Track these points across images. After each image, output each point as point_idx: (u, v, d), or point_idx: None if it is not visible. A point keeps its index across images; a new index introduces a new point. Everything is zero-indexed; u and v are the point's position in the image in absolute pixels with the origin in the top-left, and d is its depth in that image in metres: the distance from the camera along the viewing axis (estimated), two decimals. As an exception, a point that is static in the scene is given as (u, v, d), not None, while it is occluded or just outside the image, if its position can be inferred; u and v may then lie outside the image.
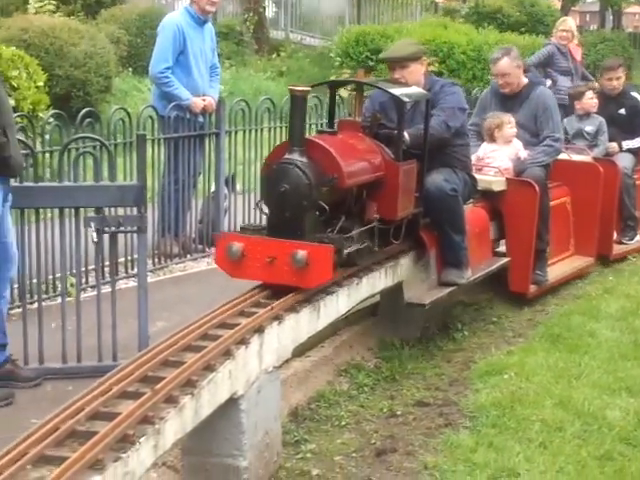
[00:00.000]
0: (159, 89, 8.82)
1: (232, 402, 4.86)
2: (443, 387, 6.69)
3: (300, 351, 6.25)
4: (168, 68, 8.54)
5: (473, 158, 7.90)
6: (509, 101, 8.58)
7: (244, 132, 9.43)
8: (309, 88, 5.75)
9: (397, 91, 6.49)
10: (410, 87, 6.81)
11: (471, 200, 7.76)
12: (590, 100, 10.04)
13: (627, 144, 10.16)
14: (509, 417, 5.98)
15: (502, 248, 8.32)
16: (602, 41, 23.57)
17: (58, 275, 7.02)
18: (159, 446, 4.04)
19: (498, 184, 8.07)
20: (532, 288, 8.32)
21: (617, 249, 9.89)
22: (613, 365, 6.90)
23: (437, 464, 5.44)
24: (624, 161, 9.96)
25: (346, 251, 5.68)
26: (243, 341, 4.88)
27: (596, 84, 10.96)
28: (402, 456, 5.64)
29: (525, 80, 8.60)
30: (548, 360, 6.94)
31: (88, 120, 7.67)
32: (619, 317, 8.06)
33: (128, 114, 8.26)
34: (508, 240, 8.14)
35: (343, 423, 6.08)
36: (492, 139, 8.45)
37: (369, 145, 6.33)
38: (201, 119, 8.86)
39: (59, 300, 6.35)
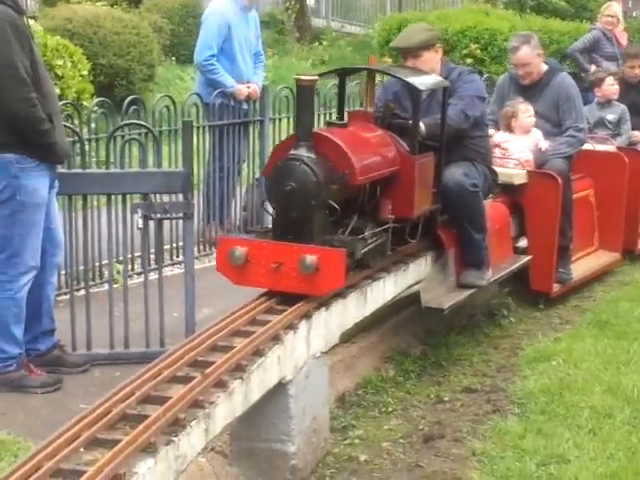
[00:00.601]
0: (204, 76, 8.85)
1: (280, 387, 4.88)
2: (490, 373, 6.70)
3: (346, 337, 6.23)
4: (213, 55, 8.56)
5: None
6: (528, 89, 8.10)
7: (288, 119, 9.39)
8: (316, 77, 5.40)
9: (412, 79, 6.06)
10: (426, 74, 6.37)
11: (491, 195, 7.33)
12: (611, 87, 9.49)
13: None
14: (558, 404, 5.96)
15: (521, 243, 7.85)
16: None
17: (105, 262, 7.06)
18: (209, 430, 4.07)
19: (519, 177, 7.67)
20: (555, 287, 7.89)
21: None
22: (662, 351, 6.84)
23: (485, 450, 5.45)
24: None
25: (359, 254, 5.32)
26: (291, 326, 4.89)
27: (617, 70, 10.31)
28: (450, 442, 5.65)
29: (544, 67, 8.14)
30: (596, 347, 6.91)
31: (133, 108, 7.70)
32: (668, 303, 7.97)
33: (173, 102, 8.28)
34: (529, 236, 7.71)
35: (390, 409, 6.11)
36: (509, 129, 8.03)
37: (382, 137, 5.87)
38: (245, 106, 8.87)
39: (106, 287, 6.38)
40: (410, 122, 6.05)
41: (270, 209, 5.55)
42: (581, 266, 8.28)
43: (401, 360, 6.69)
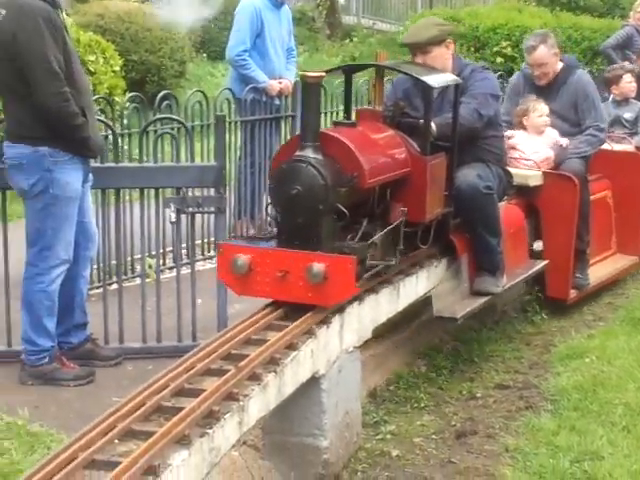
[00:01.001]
0: (236, 72, 8.85)
1: (313, 381, 4.86)
2: (523, 370, 6.66)
3: (378, 333, 6.21)
4: (245, 51, 8.56)
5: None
6: (544, 88, 7.66)
7: (320, 115, 9.38)
8: (323, 74, 5.01)
9: (423, 76, 5.69)
10: (437, 71, 5.99)
11: (505, 197, 6.91)
12: (628, 84, 9.09)
13: None
14: (591, 400, 5.93)
15: (535, 246, 7.42)
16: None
17: (137, 256, 7.09)
18: (243, 423, 4.07)
19: (534, 179, 7.25)
20: (572, 293, 7.48)
21: None
22: (696, 349, 6.77)
23: (518, 447, 5.43)
24: None
25: (369, 261, 4.98)
26: (324, 320, 4.86)
27: (634, 67, 9.80)
28: (482, 438, 5.64)
29: (560, 64, 7.67)
30: (630, 344, 6.86)
31: (166, 103, 7.73)
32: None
33: (205, 97, 8.28)
34: (545, 240, 7.28)
35: (422, 405, 6.09)
36: (522, 126, 7.64)
37: (392, 137, 5.48)
38: (277, 102, 8.86)
39: (138, 281, 6.40)
40: (421, 121, 5.68)
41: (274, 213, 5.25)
42: (598, 271, 7.90)
43: (433, 356, 6.67)
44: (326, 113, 9.11)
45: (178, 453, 3.59)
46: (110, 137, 6.50)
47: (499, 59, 15.65)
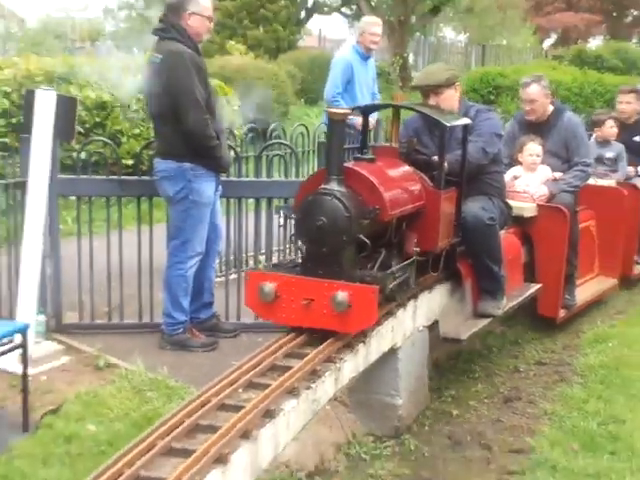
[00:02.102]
0: (331, 109, 8.85)
1: (392, 352, 4.87)
2: (558, 351, 6.58)
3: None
4: (339, 93, 8.56)
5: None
6: (537, 130, 7.01)
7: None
8: (348, 111, 4.47)
9: (438, 116, 5.12)
10: (447, 111, 5.40)
11: (505, 227, 6.21)
12: (610, 129, 8.47)
13: None
14: (615, 376, 5.83)
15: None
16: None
17: (251, 253, 7.13)
18: (339, 381, 4.08)
19: (529, 210, 6.60)
20: (562, 312, 6.84)
21: (637, 269, 8.28)
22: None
23: (555, 411, 5.38)
24: None
25: (389, 288, 4.38)
26: (401, 304, 4.84)
27: (617, 114, 8.89)
28: (525, 403, 5.60)
29: (551, 108, 7.06)
30: (646, 333, 6.74)
31: (275, 133, 7.79)
32: None
33: (306, 129, 8.33)
34: (538, 265, 6.62)
35: (476, 375, 6.06)
36: (519, 162, 6.98)
37: (408, 172, 4.89)
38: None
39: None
40: (434, 158, 5.12)
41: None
42: (584, 292, 7.26)
43: (485, 336, 6.56)
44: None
45: (289, 401, 3.63)
46: (235, 158, 6.56)
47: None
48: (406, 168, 4.91)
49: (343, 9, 33.87)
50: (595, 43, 33.74)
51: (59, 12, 30.40)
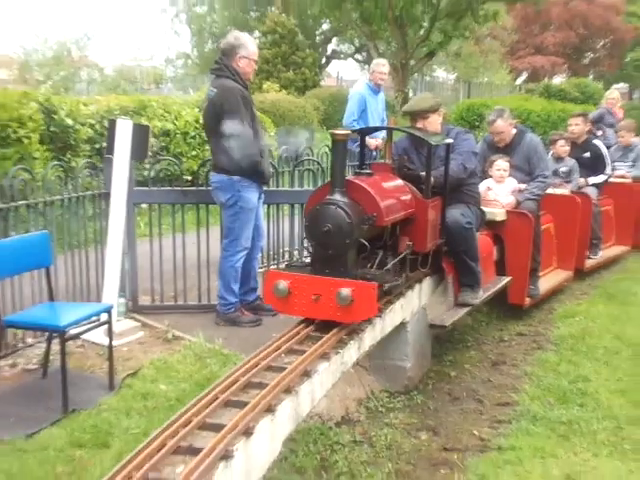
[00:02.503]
0: (348, 134, 8.81)
1: (402, 325, 4.85)
2: (534, 324, 6.54)
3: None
4: (355, 120, 8.51)
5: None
6: (504, 148, 6.83)
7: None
8: (349, 132, 4.21)
9: (424, 136, 4.94)
10: (432, 133, 5.21)
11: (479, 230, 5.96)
12: (561, 147, 8.13)
13: (592, 180, 8.41)
14: (581, 344, 5.81)
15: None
16: (633, 108, 22.46)
17: (286, 249, 7.11)
18: (361, 348, 4.08)
19: (500, 215, 6.41)
20: (527, 300, 6.65)
21: (588, 263, 8.10)
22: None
23: (534, 372, 5.36)
24: (591, 193, 8.20)
25: (386, 285, 4.24)
26: (410, 287, 4.84)
27: (568, 135, 8.55)
28: (509, 366, 5.57)
29: (514, 131, 6.83)
30: (606, 309, 6.71)
31: (306, 152, 7.77)
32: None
33: (329, 149, 8.29)
34: (507, 261, 6.42)
35: (469, 344, 6.03)
36: (489, 175, 6.78)
37: (400, 185, 4.74)
38: (374, 153, 8.83)
39: (288, 264, 6.41)
40: (422, 173, 4.93)
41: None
42: (545, 282, 7.07)
43: (475, 313, 6.48)
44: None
45: (322, 364, 3.62)
46: (274, 172, 6.56)
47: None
48: (399, 181, 4.77)
49: (356, 55, 33.92)
50: (559, 80, 33.53)
51: (131, 61, 30.68)
